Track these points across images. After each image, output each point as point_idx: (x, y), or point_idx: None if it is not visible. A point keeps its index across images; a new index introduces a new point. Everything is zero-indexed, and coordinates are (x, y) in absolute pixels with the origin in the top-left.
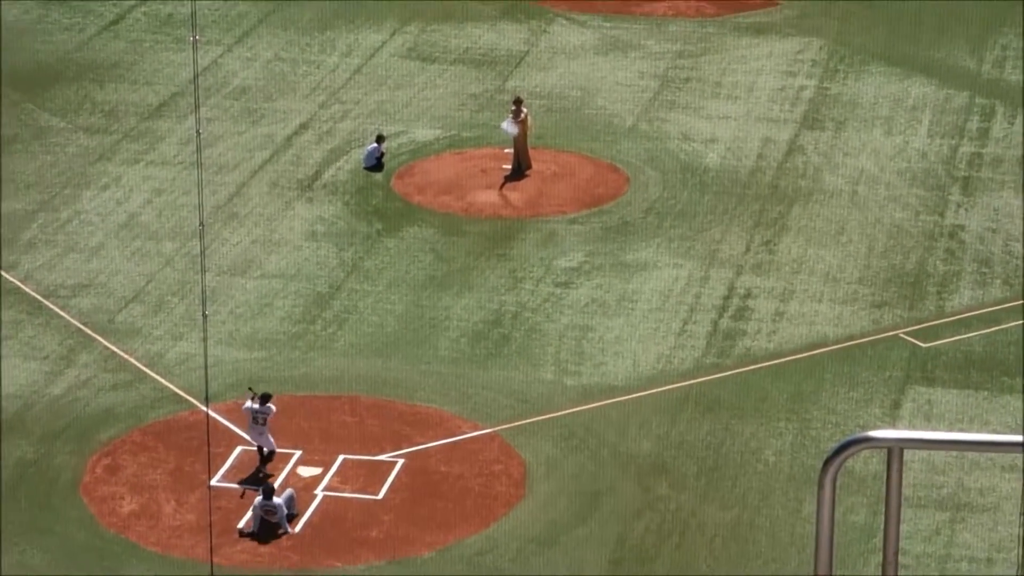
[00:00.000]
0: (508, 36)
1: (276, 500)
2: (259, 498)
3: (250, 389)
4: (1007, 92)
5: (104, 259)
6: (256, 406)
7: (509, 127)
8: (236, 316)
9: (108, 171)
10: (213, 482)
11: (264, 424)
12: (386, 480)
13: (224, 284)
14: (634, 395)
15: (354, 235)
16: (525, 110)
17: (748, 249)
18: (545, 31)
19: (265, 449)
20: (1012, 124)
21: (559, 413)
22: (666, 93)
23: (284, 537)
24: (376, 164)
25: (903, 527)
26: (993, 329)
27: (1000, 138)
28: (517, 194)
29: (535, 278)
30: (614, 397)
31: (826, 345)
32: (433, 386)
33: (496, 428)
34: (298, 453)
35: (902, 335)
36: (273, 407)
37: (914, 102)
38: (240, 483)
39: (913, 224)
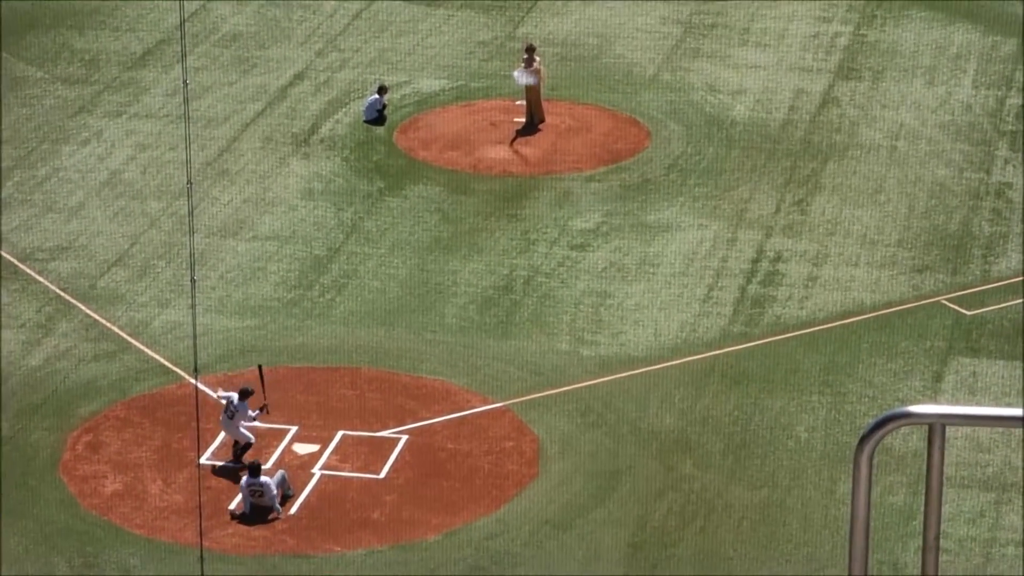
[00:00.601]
0: None
1: (264, 479)
2: (245, 477)
3: (259, 367)
4: None
5: (85, 220)
6: (234, 397)
7: (521, 76)
8: (227, 281)
9: (89, 125)
10: (202, 460)
11: (232, 417)
12: (389, 458)
13: (214, 247)
14: (655, 367)
15: (354, 194)
16: (538, 59)
17: (778, 209)
18: None
19: (241, 442)
20: None
21: (575, 386)
22: (690, 40)
23: (279, 519)
24: (377, 117)
25: (945, 509)
26: None
27: None
28: (530, 149)
29: (549, 240)
30: (634, 369)
31: (862, 313)
32: (439, 357)
33: (507, 402)
34: (294, 429)
35: (944, 302)
36: (250, 410)
37: (958, 50)
38: (216, 470)
39: (957, 182)
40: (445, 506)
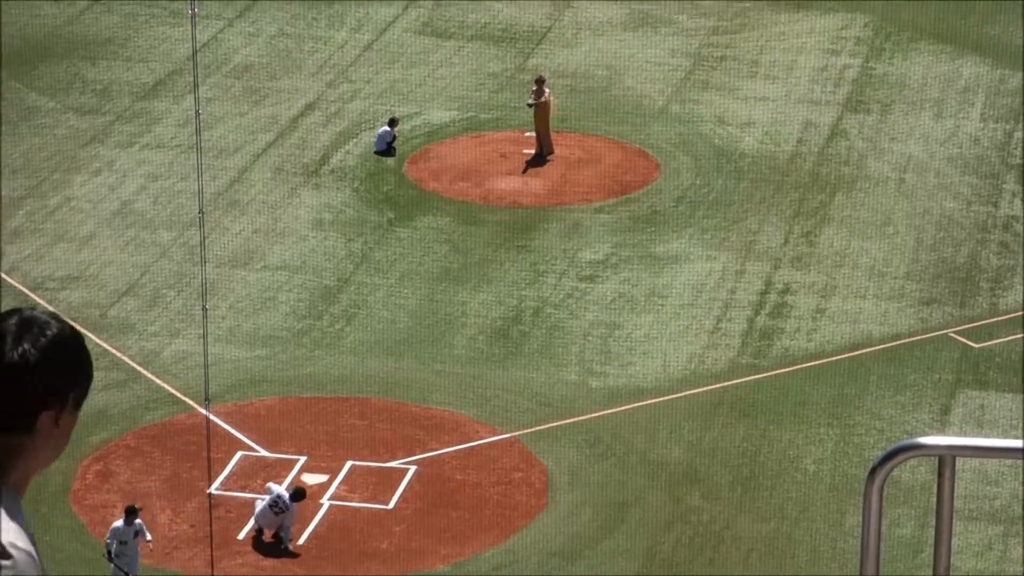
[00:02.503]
0: (529, 10)
1: (292, 504)
2: (286, 497)
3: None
4: None
5: (96, 249)
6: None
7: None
8: (237, 311)
9: (100, 155)
10: (212, 489)
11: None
12: (397, 488)
13: (224, 276)
14: (664, 398)
15: (364, 224)
16: (548, 90)
17: (787, 241)
18: (569, 5)
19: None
20: None
21: (583, 417)
22: (699, 72)
23: (288, 548)
24: (387, 148)
25: (953, 541)
26: None
27: None
28: (539, 181)
29: (558, 271)
30: (642, 400)
31: (870, 345)
32: (448, 387)
33: (516, 433)
34: (303, 459)
35: (952, 334)
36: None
37: (966, 83)
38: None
39: (964, 215)
40: (454, 537)
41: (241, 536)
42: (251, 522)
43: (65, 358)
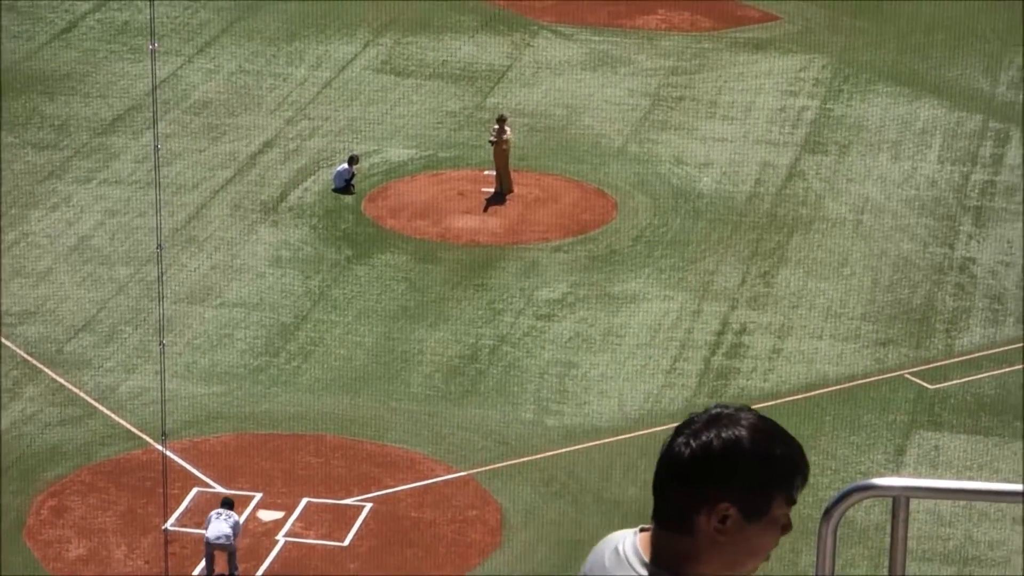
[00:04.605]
0: (489, 49)
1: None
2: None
3: None
4: (1022, 116)
5: (52, 285)
6: None
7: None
8: (194, 347)
9: (58, 190)
10: (167, 525)
11: None
12: (353, 525)
13: (181, 313)
14: (620, 437)
15: (321, 261)
16: (508, 130)
17: (744, 281)
18: (529, 44)
19: None
20: None
21: (539, 455)
22: (658, 112)
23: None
24: (346, 186)
25: None
26: (1005, 370)
27: (1014, 165)
28: (497, 219)
29: (515, 310)
30: (598, 439)
31: (826, 385)
32: (404, 425)
33: (471, 471)
34: (259, 496)
35: (907, 376)
36: None
37: (923, 125)
38: None
39: (921, 256)
40: (408, 574)
41: (195, 573)
42: (203, 563)
43: (725, 462)
